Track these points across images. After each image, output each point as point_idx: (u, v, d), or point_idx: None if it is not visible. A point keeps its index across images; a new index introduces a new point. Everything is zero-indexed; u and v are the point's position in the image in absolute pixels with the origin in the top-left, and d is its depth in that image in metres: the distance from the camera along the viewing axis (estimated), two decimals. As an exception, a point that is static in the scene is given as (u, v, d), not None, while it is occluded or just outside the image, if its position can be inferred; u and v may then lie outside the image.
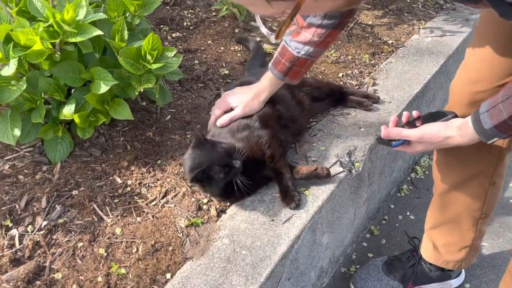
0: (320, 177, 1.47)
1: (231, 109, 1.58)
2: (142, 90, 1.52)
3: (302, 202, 1.43)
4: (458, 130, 1.13)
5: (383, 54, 2.33)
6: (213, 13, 2.41)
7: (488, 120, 1.04)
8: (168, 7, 2.39)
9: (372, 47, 2.37)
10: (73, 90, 1.55)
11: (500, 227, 2.03)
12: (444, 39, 2.47)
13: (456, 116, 1.20)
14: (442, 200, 1.52)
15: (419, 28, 2.60)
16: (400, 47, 2.39)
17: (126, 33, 1.51)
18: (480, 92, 1.25)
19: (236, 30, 2.31)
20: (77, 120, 1.46)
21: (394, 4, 2.84)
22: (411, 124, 1.27)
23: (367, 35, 2.48)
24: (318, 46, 1.43)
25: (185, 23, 2.30)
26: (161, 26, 2.23)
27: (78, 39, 1.40)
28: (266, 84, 1.58)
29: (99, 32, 1.41)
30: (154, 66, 1.46)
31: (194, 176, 1.33)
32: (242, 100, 1.57)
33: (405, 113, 1.29)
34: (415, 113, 1.27)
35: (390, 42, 2.43)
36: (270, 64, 1.56)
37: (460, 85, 1.35)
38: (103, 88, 1.44)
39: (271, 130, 1.54)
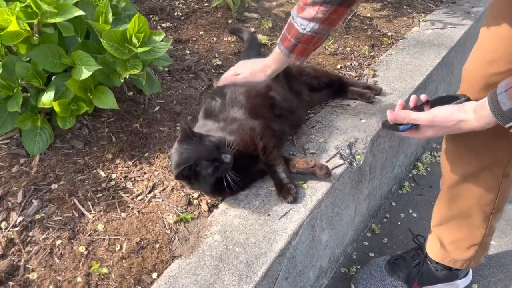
0: (318, 176, 1.36)
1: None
2: (127, 77, 1.42)
3: (299, 195, 1.33)
4: (473, 113, 1.03)
5: (383, 46, 2.24)
6: (206, 4, 2.31)
7: (506, 100, 0.94)
8: (158, -2, 2.29)
9: (371, 39, 2.28)
10: (53, 77, 1.45)
11: (507, 224, 1.93)
12: (445, 31, 2.38)
13: (469, 99, 1.10)
14: (450, 194, 1.41)
15: (419, 20, 2.51)
16: (400, 39, 2.30)
17: (110, 15, 1.41)
18: (495, 74, 1.15)
19: (230, 21, 2.21)
20: (56, 108, 1.35)
21: (393, -3, 2.76)
22: (419, 108, 1.17)
23: (365, 27, 2.39)
24: (324, 23, 1.37)
25: (176, 13, 2.20)
26: (151, 16, 2.12)
27: (57, 19, 1.30)
28: (273, 58, 1.55)
29: (80, 12, 1.31)
30: (140, 50, 1.36)
31: (179, 173, 1.22)
32: (248, 69, 1.57)
33: (413, 97, 1.19)
34: (423, 97, 1.17)
35: (389, 34, 2.34)
36: (278, 40, 1.53)
37: (474, 67, 1.24)
38: (85, 74, 1.33)
39: (263, 120, 1.44)
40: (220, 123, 1.42)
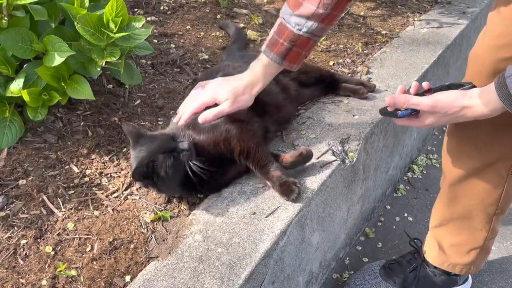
0: (306, 158, 1.28)
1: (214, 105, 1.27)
2: (105, 66, 1.32)
3: (302, 190, 1.23)
4: (478, 99, 0.94)
5: (377, 44, 2.17)
6: (194, -1, 2.23)
7: None
8: (144, -8, 2.20)
9: (365, 37, 2.20)
10: (25, 66, 1.35)
11: (508, 229, 1.84)
12: (441, 30, 2.32)
13: (474, 87, 1.02)
14: (451, 193, 1.31)
15: (414, 20, 2.45)
16: (395, 38, 2.23)
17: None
18: (505, 59, 1.06)
19: (218, 16, 2.13)
20: (26, 97, 1.25)
21: (387, -4, 2.69)
22: (420, 95, 1.08)
23: (359, 25, 2.32)
24: (323, 22, 1.22)
25: (162, 8, 2.11)
26: (135, 9, 2.04)
27: (28, 0, 1.20)
28: (259, 72, 1.29)
29: (52, -7, 1.21)
30: (118, 35, 1.26)
31: (135, 173, 1.12)
32: (230, 93, 1.25)
33: (414, 83, 1.10)
34: (425, 84, 1.08)
35: (383, 32, 2.27)
36: (263, 47, 1.29)
37: (482, 52, 1.14)
38: (58, 60, 1.23)
39: (240, 123, 1.31)
40: (188, 124, 1.27)
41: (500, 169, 1.20)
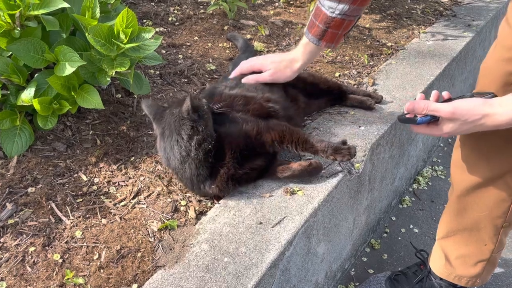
0: (314, 170, 1.29)
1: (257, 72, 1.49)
2: (115, 76, 1.34)
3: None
4: (499, 107, 0.94)
5: (382, 56, 2.18)
6: (201, 10, 2.26)
7: None
8: (153, 3, 2.23)
9: (371, 49, 2.22)
10: (36, 75, 1.37)
11: (513, 241, 1.84)
12: (446, 42, 2.33)
13: (495, 96, 1.01)
14: (459, 204, 1.31)
15: (419, 32, 2.46)
16: (400, 50, 2.24)
17: (98, 10, 1.34)
18: None
19: (225, 27, 2.15)
20: (37, 106, 1.27)
21: (392, 9, 2.71)
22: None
23: (364, 37, 2.34)
24: (354, 3, 1.29)
25: (170, 19, 2.14)
26: (144, 20, 2.06)
27: (40, 11, 1.22)
28: (300, 51, 1.43)
29: (65, 4, 1.23)
30: (128, 46, 1.28)
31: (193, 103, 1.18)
32: (274, 65, 1.45)
33: (434, 92, 1.10)
34: (445, 94, 1.07)
35: (389, 44, 2.29)
36: (305, 29, 1.42)
37: (493, 64, 1.15)
38: (69, 70, 1.25)
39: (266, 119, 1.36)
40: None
41: (509, 181, 1.20)
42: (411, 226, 1.92)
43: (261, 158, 1.30)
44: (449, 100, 1.07)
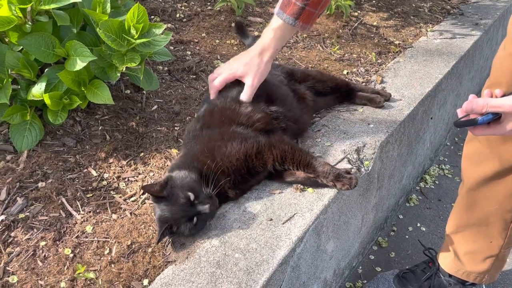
0: (316, 183, 1.26)
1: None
2: (124, 72, 1.34)
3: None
4: None
5: (390, 54, 2.17)
6: (209, 7, 2.25)
7: None
8: (160, 0, 2.22)
9: (378, 47, 2.21)
10: (46, 70, 1.37)
11: (521, 241, 1.83)
12: (454, 41, 2.32)
13: None
14: (469, 198, 1.30)
15: (427, 30, 2.45)
16: (408, 48, 2.23)
17: (108, 6, 1.33)
18: None
19: (233, 24, 2.14)
20: (47, 101, 1.27)
21: (400, 7, 2.70)
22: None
23: (372, 35, 2.33)
24: None
25: (178, 15, 2.13)
26: (152, 16, 2.06)
27: (51, 6, 1.22)
28: (268, 38, 1.32)
29: (76, -1, 1.23)
30: (139, 41, 1.28)
31: (159, 239, 1.10)
32: (246, 67, 1.32)
33: (486, 91, 1.02)
34: (499, 92, 0.99)
35: (397, 42, 2.28)
36: (276, 10, 1.30)
37: (503, 59, 1.15)
38: (79, 65, 1.25)
39: (266, 133, 1.32)
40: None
41: None
42: (419, 225, 1.91)
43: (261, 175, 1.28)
44: (504, 96, 0.99)
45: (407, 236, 1.86)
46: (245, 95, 1.34)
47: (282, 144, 1.25)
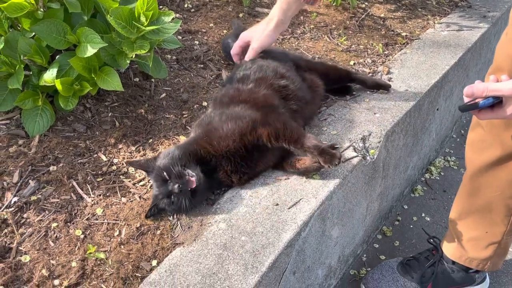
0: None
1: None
2: (133, 57, 1.36)
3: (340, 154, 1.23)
4: None
5: (397, 45, 2.18)
6: (217, -3, 2.26)
7: None
8: (169, -10, 2.24)
9: (385, 38, 2.22)
10: (58, 56, 1.39)
11: (525, 231, 1.84)
12: (462, 33, 2.32)
13: None
14: (473, 184, 1.32)
15: (434, 23, 2.45)
16: (415, 39, 2.24)
17: (119, -7, 1.35)
18: None
19: (241, 15, 2.16)
20: (59, 86, 1.29)
21: (407, -1, 2.70)
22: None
23: (379, 26, 2.33)
24: None
25: (186, 5, 2.15)
26: (160, 6, 2.07)
27: (63, -7, 1.24)
28: (276, 9, 1.49)
29: (87, -13, 1.25)
30: (149, 28, 1.30)
31: (147, 214, 1.18)
32: (252, 33, 1.57)
33: (492, 77, 1.03)
34: (504, 77, 1.00)
35: (404, 34, 2.28)
36: None
37: (506, 44, 1.16)
38: (90, 51, 1.27)
39: (266, 108, 1.33)
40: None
41: None
42: (423, 215, 1.93)
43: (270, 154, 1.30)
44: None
45: (411, 226, 1.87)
46: (247, 57, 1.57)
47: (277, 122, 1.26)
